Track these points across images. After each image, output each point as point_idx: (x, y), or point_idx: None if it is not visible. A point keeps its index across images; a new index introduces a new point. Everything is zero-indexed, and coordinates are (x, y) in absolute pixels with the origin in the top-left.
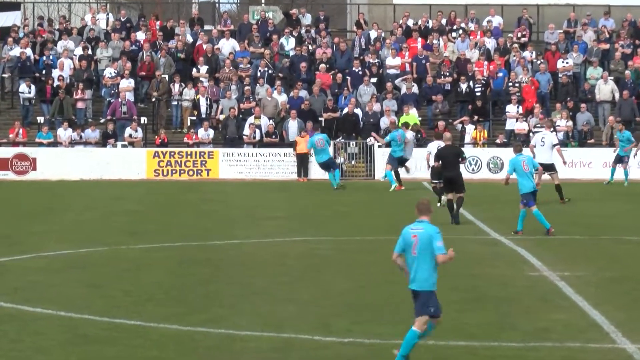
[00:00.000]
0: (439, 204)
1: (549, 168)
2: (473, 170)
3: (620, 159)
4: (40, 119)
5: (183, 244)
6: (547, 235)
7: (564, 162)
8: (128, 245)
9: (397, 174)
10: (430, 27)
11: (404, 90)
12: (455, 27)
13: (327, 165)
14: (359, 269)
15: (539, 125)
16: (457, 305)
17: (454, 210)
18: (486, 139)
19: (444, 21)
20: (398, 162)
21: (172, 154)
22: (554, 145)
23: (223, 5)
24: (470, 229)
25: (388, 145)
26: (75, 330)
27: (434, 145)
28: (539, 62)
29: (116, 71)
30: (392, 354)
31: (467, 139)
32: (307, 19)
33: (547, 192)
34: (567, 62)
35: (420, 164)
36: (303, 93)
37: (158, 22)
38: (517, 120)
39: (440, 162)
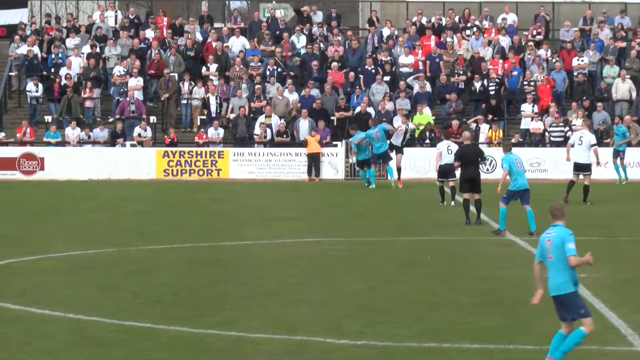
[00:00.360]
0: (442, 204)
1: (586, 168)
2: (488, 170)
3: (617, 154)
4: (48, 118)
5: (193, 245)
6: (498, 234)
7: (598, 163)
8: (137, 246)
9: (398, 169)
10: (443, 24)
11: (417, 88)
12: (469, 24)
13: (383, 156)
14: (372, 270)
15: (554, 125)
16: (472, 308)
17: (476, 213)
18: (501, 139)
19: (457, 19)
20: (382, 157)
21: (182, 153)
22: (592, 145)
23: (233, 2)
24: (485, 229)
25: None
26: (83, 332)
27: (444, 145)
28: (554, 60)
29: (125, 69)
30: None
31: (482, 138)
32: (318, 17)
33: (574, 192)
34: (582, 60)
35: (432, 164)
36: (315, 92)
37: (166, 19)
38: (532, 120)
39: (460, 161)
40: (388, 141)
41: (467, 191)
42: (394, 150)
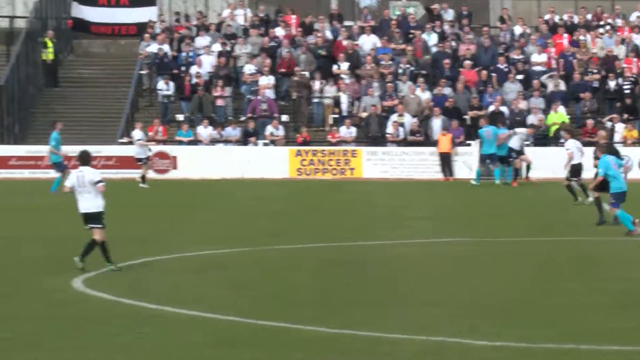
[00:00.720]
0: (577, 201)
1: None
2: None
3: None
4: (180, 117)
5: (326, 245)
6: (631, 235)
7: None
8: (271, 246)
9: (515, 170)
10: (576, 22)
11: (551, 87)
12: (601, 22)
13: (490, 158)
14: (507, 271)
15: None
16: (609, 309)
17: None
18: (636, 139)
19: (589, 17)
20: (490, 159)
21: (315, 152)
22: None
23: (363, 0)
24: (620, 230)
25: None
26: (220, 332)
27: (573, 144)
28: None
29: (256, 68)
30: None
31: (617, 137)
32: (449, 15)
33: None
34: None
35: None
36: (447, 90)
37: (294, 17)
38: None
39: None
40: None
41: (600, 190)
42: (515, 154)
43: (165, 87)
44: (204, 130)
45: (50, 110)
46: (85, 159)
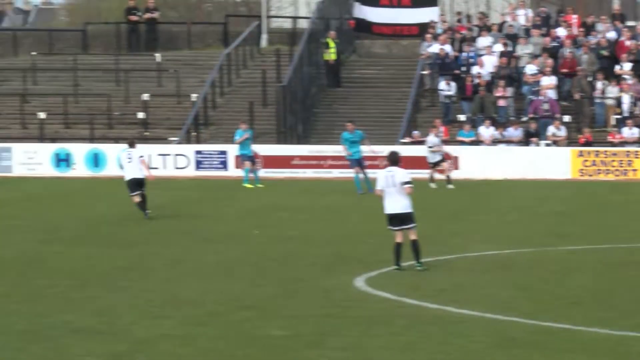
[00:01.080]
0: None
1: None
2: None
3: None
4: (462, 117)
5: (610, 246)
6: None
7: None
8: (554, 247)
9: None
10: None
11: None
12: None
13: None
14: None
15: None
16: None
17: None
18: None
19: None
20: None
21: (597, 153)
22: None
23: None
24: None
25: None
26: (502, 333)
27: None
28: None
29: (537, 68)
30: None
31: None
32: None
33: None
34: None
35: None
36: None
37: (575, 17)
38: None
39: None
40: None
41: None
42: None
43: (446, 88)
44: (486, 131)
45: (333, 110)
46: (394, 159)
